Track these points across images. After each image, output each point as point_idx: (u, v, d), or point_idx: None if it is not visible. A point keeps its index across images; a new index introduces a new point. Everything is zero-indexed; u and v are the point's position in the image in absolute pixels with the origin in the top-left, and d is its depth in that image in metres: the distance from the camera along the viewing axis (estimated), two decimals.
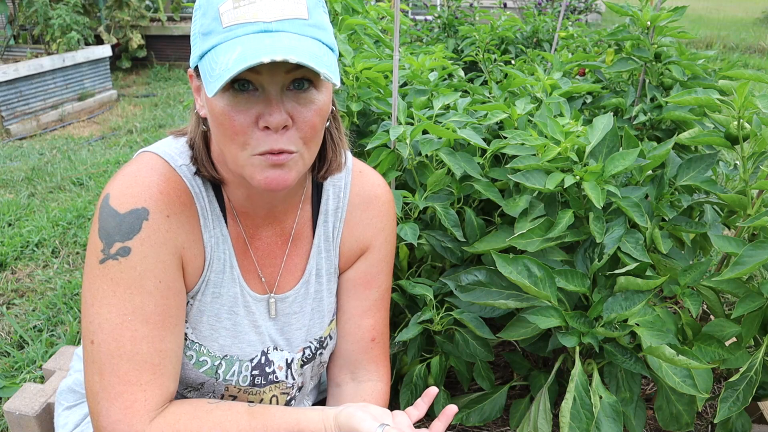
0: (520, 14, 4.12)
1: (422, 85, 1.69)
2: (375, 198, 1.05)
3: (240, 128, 0.77)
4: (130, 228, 0.81)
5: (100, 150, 4.23)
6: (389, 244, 1.08)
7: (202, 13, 0.78)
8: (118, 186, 0.84)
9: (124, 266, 0.81)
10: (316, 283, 1.03)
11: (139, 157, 0.88)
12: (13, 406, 1.37)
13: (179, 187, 0.86)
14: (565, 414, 1.11)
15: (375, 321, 1.08)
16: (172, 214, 0.85)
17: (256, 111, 0.76)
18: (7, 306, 2.31)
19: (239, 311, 0.95)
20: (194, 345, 0.93)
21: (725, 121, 1.37)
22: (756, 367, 1.17)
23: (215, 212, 0.91)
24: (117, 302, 0.81)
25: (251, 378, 0.98)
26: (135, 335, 0.81)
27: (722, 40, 9.28)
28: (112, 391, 0.80)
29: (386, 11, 2.07)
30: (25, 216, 3.07)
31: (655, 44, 1.74)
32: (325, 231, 1.03)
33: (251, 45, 0.72)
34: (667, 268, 1.35)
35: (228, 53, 0.72)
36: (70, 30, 5.02)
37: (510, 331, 1.29)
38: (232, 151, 0.79)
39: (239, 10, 0.75)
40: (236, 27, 0.75)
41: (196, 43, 0.79)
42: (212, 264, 0.91)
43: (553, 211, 1.31)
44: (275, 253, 1.00)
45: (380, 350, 1.10)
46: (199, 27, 0.78)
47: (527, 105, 1.54)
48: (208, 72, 0.74)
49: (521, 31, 3.16)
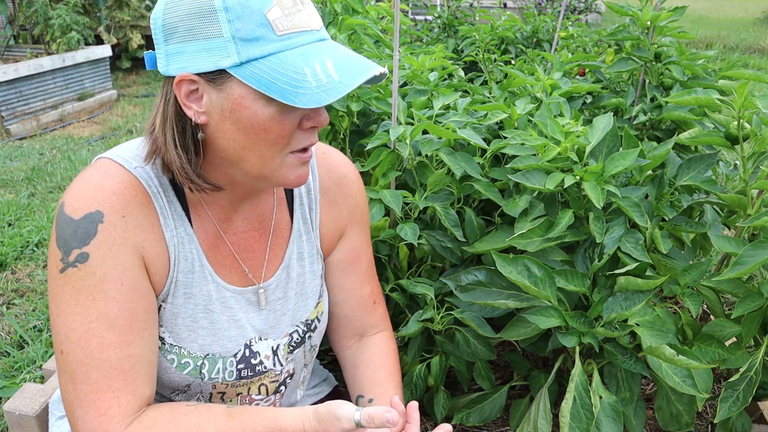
0: (520, 14, 4.12)
1: (422, 85, 1.69)
2: (344, 177, 1.08)
3: (288, 131, 0.79)
4: (86, 233, 0.80)
5: (100, 150, 4.23)
6: (365, 217, 1.14)
7: (235, 17, 0.74)
8: (72, 193, 0.83)
9: (84, 273, 0.80)
10: (298, 267, 1.04)
11: (93, 164, 0.87)
12: (13, 406, 1.37)
13: (134, 188, 0.85)
14: (565, 414, 1.11)
15: (371, 287, 1.16)
16: (128, 214, 0.83)
17: (301, 113, 0.80)
18: (7, 306, 2.31)
19: (215, 308, 0.94)
20: (174, 348, 0.92)
21: (725, 121, 1.37)
22: (756, 367, 1.17)
23: (177, 212, 0.89)
24: (80, 310, 0.80)
25: (237, 372, 0.97)
26: (102, 342, 0.81)
27: (722, 40, 9.28)
28: (86, 400, 0.80)
29: (386, 11, 2.07)
30: (25, 216, 3.07)
31: (655, 44, 1.74)
32: (303, 214, 1.04)
33: (336, 55, 0.77)
34: (667, 268, 1.35)
35: (311, 62, 0.75)
36: (70, 30, 5.02)
37: (510, 331, 1.29)
38: (266, 155, 0.80)
39: (291, 18, 0.76)
40: (295, 35, 0.76)
41: (223, 48, 0.75)
42: (178, 264, 0.90)
43: (553, 211, 1.31)
44: (254, 245, 0.99)
45: (382, 309, 1.20)
46: (234, 31, 0.74)
47: (527, 105, 1.54)
48: (281, 80, 0.74)
49: (521, 31, 3.16)
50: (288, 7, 0.77)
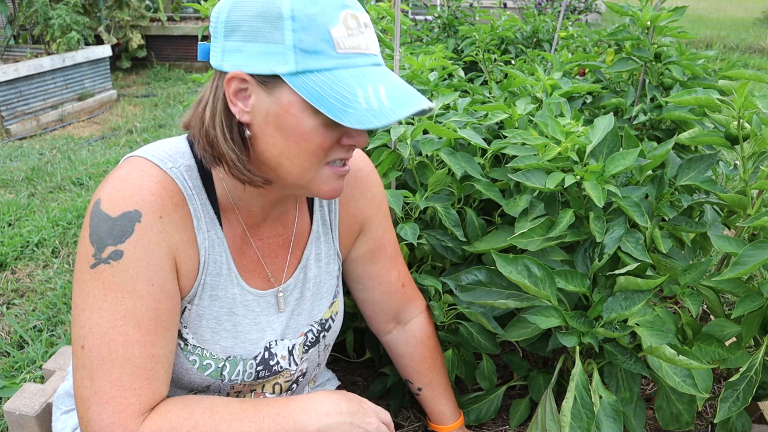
0: (520, 14, 4.12)
1: (422, 85, 1.69)
2: (359, 171, 1.10)
3: (328, 145, 0.81)
4: (123, 231, 0.81)
5: (100, 150, 4.23)
6: (383, 206, 1.16)
7: (300, 27, 0.75)
8: (109, 190, 0.83)
9: (116, 270, 0.80)
10: (315, 267, 1.05)
11: (127, 162, 0.87)
12: (13, 406, 1.37)
13: (171, 189, 0.85)
14: (565, 413, 1.11)
15: (398, 270, 1.22)
16: (165, 215, 0.84)
17: (343, 130, 0.82)
18: (7, 306, 2.31)
19: (238, 311, 0.95)
20: (196, 349, 0.93)
21: (725, 121, 1.37)
22: (756, 367, 1.17)
23: (208, 214, 0.90)
24: (108, 306, 0.80)
25: (256, 373, 0.99)
26: (127, 339, 0.81)
27: (722, 40, 9.28)
28: (104, 396, 0.80)
29: (386, 11, 2.07)
30: (25, 216, 3.07)
31: (655, 44, 1.74)
32: (322, 215, 1.06)
33: (390, 82, 0.79)
34: (667, 268, 1.35)
35: (364, 85, 0.77)
36: (70, 30, 5.02)
37: (510, 331, 1.29)
38: (304, 165, 0.82)
39: (353, 38, 0.78)
40: (354, 56, 0.78)
41: (282, 54, 0.76)
42: (208, 266, 0.91)
43: (553, 210, 1.31)
44: (278, 250, 1.01)
45: (411, 289, 1.27)
46: (295, 41, 0.76)
47: (528, 105, 1.54)
48: (332, 97, 0.75)
49: (521, 31, 3.16)
50: (352, 27, 0.78)
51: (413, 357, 1.27)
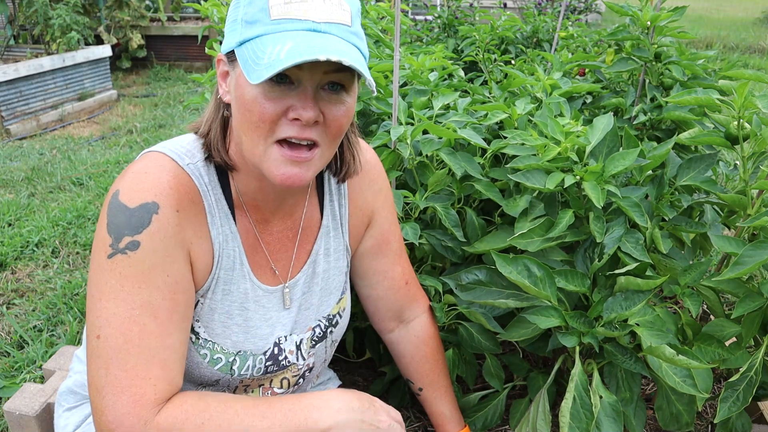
0: (520, 14, 4.12)
1: (422, 85, 1.69)
2: (366, 164, 1.10)
3: (269, 116, 0.79)
4: (140, 222, 0.82)
5: (100, 150, 4.23)
6: (389, 200, 1.17)
7: (248, 2, 0.80)
8: (128, 182, 0.84)
9: (133, 260, 0.81)
10: (324, 263, 1.06)
11: (145, 156, 0.89)
12: (13, 406, 1.37)
13: (187, 184, 0.87)
14: (565, 414, 1.11)
15: (402, 267, 1.22)
16: (181, 209, 0.85)
17: (288, 103, 0.80)
18: (7, 306, 2.31)
19: (250, 306, 0.96)
20: (207, 343, 0.94)
21: (725, 121, 1.37)
22: (756, 367, 1.17)
23: (223, 209, 0.92)
24: (125, 296, 0.81)
25: (265, 368, 1.00)
26: (144, 329, 0.81)
27: (722, 40, 9.28)
28: (119, 385, 0.80)
29: (386, 11, 2.07)
30: (25, 216, 3.07)
31: (655, 44, 1.74)
32: (332, 210, 1.06)
33: (303, 41, 0.75)
34: (667, 268, 1.35)
35: (276, 45, 0.75)
36: (70, 30, 5.02)
37: (510, 332, 1.29)
38: (253, 139, 0.82)
39: (290, 6, 0.78)
40: (285, 21, 0.77)
41: (236, 30, 0.80)
42: (221, 261, 0.92)
43: (553, 211, 1.31)
44: (286, 245, 1.02)
45: (415, 287, 1.26)
46: (243, 14, 0.80)
47: (527, 105, 1.54)
48: (251, 59, 0.76)
49: (521, 31, 3.16)
50: None
51: (415, 357, 1.27)
